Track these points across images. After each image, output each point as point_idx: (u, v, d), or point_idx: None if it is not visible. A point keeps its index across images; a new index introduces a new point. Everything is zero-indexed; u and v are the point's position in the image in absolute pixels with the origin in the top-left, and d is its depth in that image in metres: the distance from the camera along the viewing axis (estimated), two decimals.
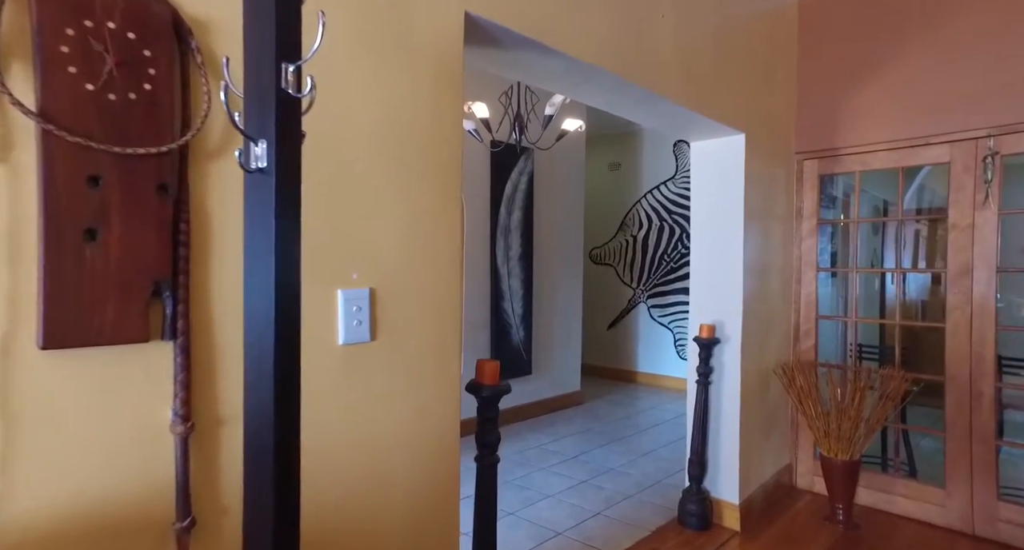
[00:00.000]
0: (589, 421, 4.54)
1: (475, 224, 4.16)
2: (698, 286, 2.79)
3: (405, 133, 1.26)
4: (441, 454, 1.37)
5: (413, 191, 1.28)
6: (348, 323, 1.14)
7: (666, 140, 5.82)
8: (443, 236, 1.35)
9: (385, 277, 1.22)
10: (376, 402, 1.21)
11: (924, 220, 5.15)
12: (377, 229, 1.21)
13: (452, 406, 1.39)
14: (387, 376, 1.23)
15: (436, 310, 1.34)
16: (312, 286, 1.09)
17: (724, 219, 2.69)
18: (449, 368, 1.38)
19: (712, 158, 2.73)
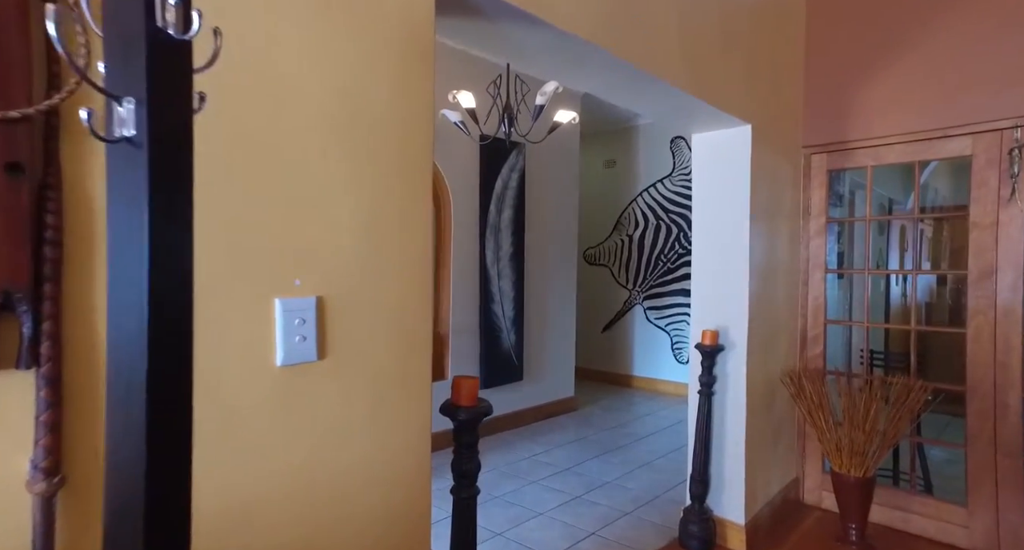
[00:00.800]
0: (583, 429, 4.35)
1: (463, 223, 3.95)
2: (700, 289, 2.60)
3: (365, 113, 1.05)
4: (410, 495, 1.16)
5: (373, 182, 1.07)
6: (289, 339, 0.93)
7: (663, 136, 5.63)
8: (410, 235, 1.14)
9: (337, 283, 1.02)
10: (327, 435, 1.00)
11: (928, 220, 4.99)
12: (328, 226, 1.00)
13: (421, 435, 1.18)
14: (341, 402, 1.02)
15: (401, 321, 1.13)
16: (239, 295, 0.88)
17: (728, 217, 2.50)
18: (417, 389, 1.18)
19: (716, 151, 2.53)
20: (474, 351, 4.04)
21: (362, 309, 1.06)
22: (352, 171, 1.03)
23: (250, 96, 0.89)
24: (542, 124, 3.78)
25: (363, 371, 1.06)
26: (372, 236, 1.07)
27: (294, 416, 0.95)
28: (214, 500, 0.84)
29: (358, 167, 1.04)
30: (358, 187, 1.05)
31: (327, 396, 1.00)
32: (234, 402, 0.87)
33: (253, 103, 0.90)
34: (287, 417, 0.94)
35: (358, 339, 1.06)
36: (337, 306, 1.02)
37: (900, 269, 4.95)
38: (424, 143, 1.16)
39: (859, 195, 3.93)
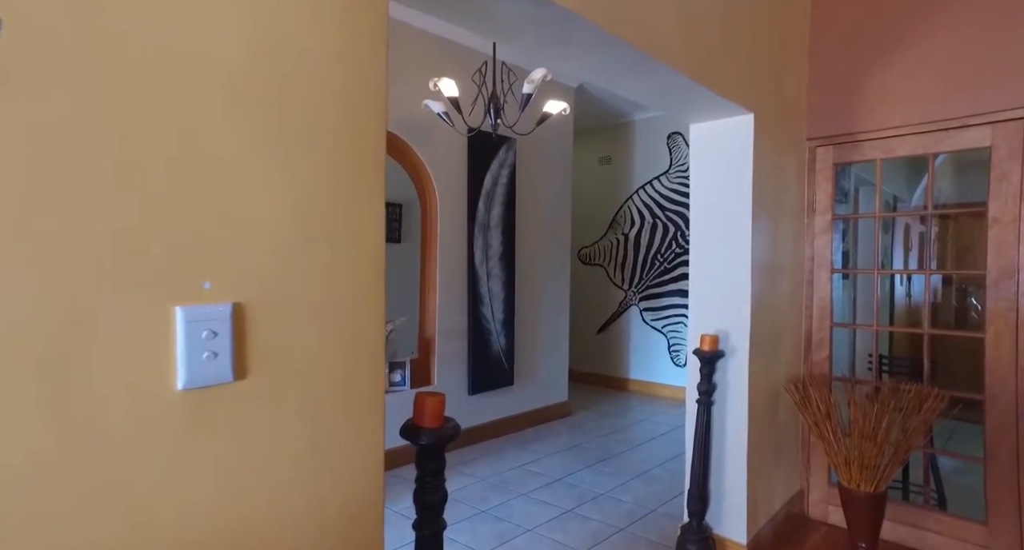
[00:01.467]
0: (576, 435, 4.17)
1: (450, 221, 3.77)
2: (698, 290, 2.42)
3: (295, 77, 0.87)
4: (357, 544, 0.98)
5: (311, 164, 0.89)
6: (193, 356, 0.75)
7: (660, 132, 5.46)
8: (359, 228, 0.96)
9: (263, 286, 0.84)
10: (247, 475, 0.82)
11: (933, 219, 4.83)
12: (250, 216, 0.82)
13: (372, 469, 1.00)
14: (267, 433, 0.84)
15: (348, 330, 0.96)
16: (123, 303, 0.70)
17: (729, 213, 2.33)
18: (367, 413, 1.00)
19: (716, 142, 2.36)
20: (462, 355, 3.87)
21: (297, 317, 0.88)
22: (282, 150, 0.85)
23: (148, 55, 0.71)
24: (531, 115, 3.60)
25: (298, 393, 0.88)
26: (310, 228, 0.89)
27: (200, 453, 0.77)
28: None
29: (290, 145, 0.86)
30: (290, 169, 0.87)
31: (247, 425, 0.82)
32: (115, 439, 0.69)
33: (147, 64, 0.71)
34: (190, 455, 0.76)
35: (292, 353, 0.88)
36: (263, 314, 0.84)
37: (911, 269, 4.80)
38: (375, 117, 0.98)
39: (863, 191, 3.77)
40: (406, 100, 3.39)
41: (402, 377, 3.54)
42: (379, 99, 0.98)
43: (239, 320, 0.81)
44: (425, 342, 3.74)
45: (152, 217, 0.72)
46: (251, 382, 0.83)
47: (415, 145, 3.53)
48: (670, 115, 2.13)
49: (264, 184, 0.84)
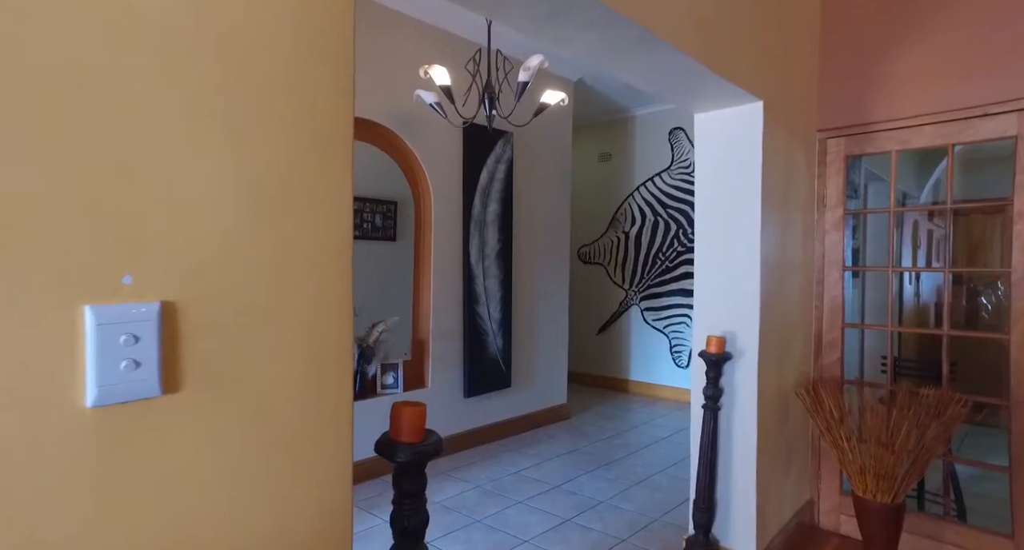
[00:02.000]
0: (576, 439, 4.04)
1: (445, 217, 3.64)
2: (704, 290, 2.29)
3: (245, 32, 0.74)
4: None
5: (264, 136, 0.76)
6: (107, 366, 0.62)
7: (661, 128, 5.33)
8: (320, 215, 0.83)
9: (202, 281, 0.71)
10: (189, 498, 0.69)
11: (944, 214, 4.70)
12: (186, 197, 0.69)
13: (339, 485, 0.87)
14: (209, 450, 0.71)
15: (310, 332, 0.83)
16: (5, 298, 0.57)
17: (737, 208, 2.20)
18: (333, 425, 0.87)
19: (722, 133, 2.23)
20: (457, 356, 3.74)
21: (246, 317, 0.75)
22: (230, 120, 0.72)
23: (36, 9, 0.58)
24: (528, 106, 3.47)
25: (248, 405, 0.75)
26: (263, 213, 0.76)
27: (123, 479, 0.64)
28: None
29: (240, 114, 0.73)
30: (240, 143, 0.73)
31: (183, 444, 0.69)
32: (6, 472, 0.56)
33: (42, 19, 0.58)
34: (109, 481, 0.63)
35: (240, 360, 0.74)
36: (202, 314, 0.71)
37: (922, 267, 4.67)
38: (342, 83, 0.85)
39: (873, 186, 3.64)
40: (397, 92, 3.26)
41: (395, 379, 3.41)
42: (345, 62, 0.85)
43: (170, 322, 0.68)
44: (419, 343, 3.62)
45: (57, 194, 0.59)
46: (187, 395, 0.70)
47: (408, 139, 3.40)
48: (674, 102, 2.01)
49: (206, 159, 0.71)
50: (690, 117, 5.08)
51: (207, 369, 0.71)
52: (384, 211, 3.55)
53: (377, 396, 3.32)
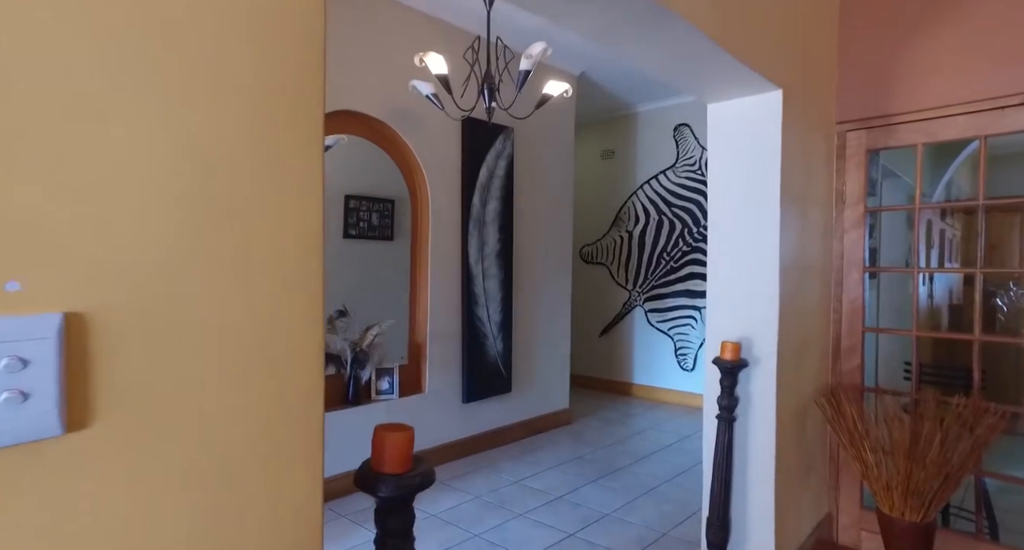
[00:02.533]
0: (578, 446, 3.89)
1: (442, 215, 3.50)
2: (718, 292, 2.15)
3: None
4: None
5: (210, 102, 0.61)
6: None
7: (665, 124, 5.18)
8: (282, 203, 0.69)
9: (122, 288, 0.56)
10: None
11: (956, 214, 4.56)
12: (102, 178, 0.54)
13: (305, 528, 0.72)
14: (126, 507, 0.57)
15: (267, 351, 0.68)
16: None
17: (754, 204, 2.05)
18: (298, 460, 0.72)
19: (738, 124, 2.08)
20: (455, 360, 3.59)
21: (183, 328, 0.60)
22: (165, 81, 0.58)
23: None
24: (529, 98, 3.33)
25: (183, 440, 0.61)
26: (206, 200, 0.62)
27: (9, 534, 0.49)
28: None
29: (178, 74, 0.59)
30: (180, 109, 0.59)
31: (91, 499, 0.54)
32: None
33: None
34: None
35: (172, 383, 0.60)
36: (123, 327, 0.56)
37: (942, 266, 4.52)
38: (311, 40, 0.70)
39: (888, 183, 3.49)
40: (391, 84, 3.12)
41: (390, 384, 3.26)
42: (316, 26, 0.71)
43: (77, 338, 0.53)
44: (415, 346, 3.47)
45: None
46: (102, 430, 0.55)
47: (403, 133, 3.25)
48: (687, 90, 1.86)
49: (131, 127, 0.56)
50: (696, 113, 4.94)
51: (130, 395, 0.57)
52: (381, 210, 3.40)
53: (372, 402, 3.17)
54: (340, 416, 2.98)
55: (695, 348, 4.99)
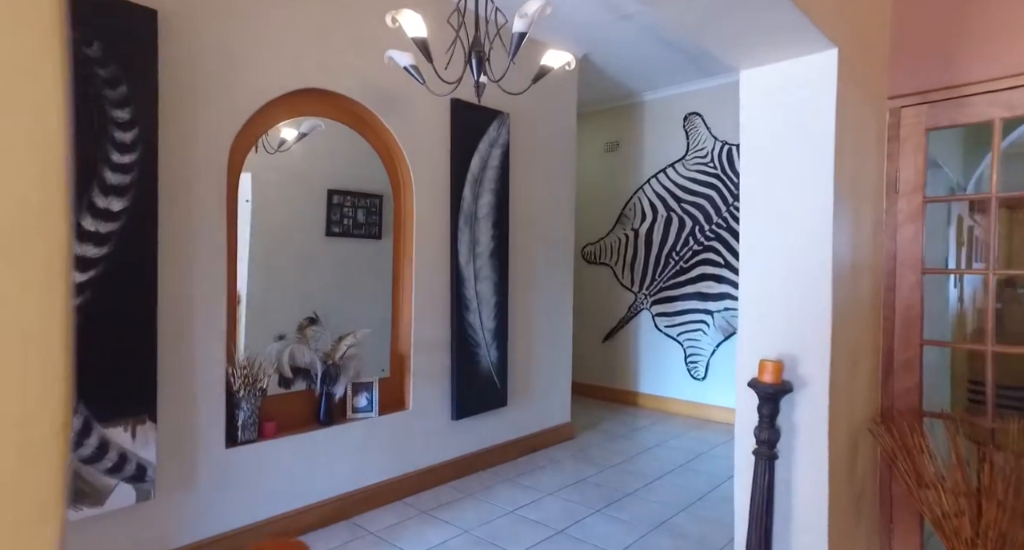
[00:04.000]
0: (581, 465, 3.51)
1: (429, 210, 3.12)
2: (752, 299, 1.77)
3: None
4: None
5: None
6: None
7: (674, 113, 4.80)
8: None
9: None
10: None
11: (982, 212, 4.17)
12: None
13: None
14: None
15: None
16: None
17: (801, 193, 1.67)
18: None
19: (781, 93, 1.70)
20: (444, 372, 3.21)
21: None
22: None
23: None
24: (525, 66, 2.93)
25: None
26: None
27: None
28: None
29: None
30: None
31: None
32: None
33: None
34: None
35: None
36: None
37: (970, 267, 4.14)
38: None
39: (932, 172, 3.10)
40: (368, 58, 2.74)
41: (368, 401, 2.88)
42: None
43: None
44: (398, 357, 3.09)
45: None
46: None
47: (384, 116, 2.87)
48: (717, 50, 1.46)
49: None
50: (707, 101, 4.55)
51: None
52: (367, 206, 3.03)
53: (348, 421, 2.79)
54: (310, 439, 2.60)
55: (707, 355, 4.61)
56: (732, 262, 4.46)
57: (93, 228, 1.88)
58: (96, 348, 1.88)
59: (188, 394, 2.20)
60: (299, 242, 2.78)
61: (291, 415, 2.65)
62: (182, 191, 2.17)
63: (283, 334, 2.75)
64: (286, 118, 2.59)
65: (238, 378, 2.37)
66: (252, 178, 2.58)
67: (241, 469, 2.37)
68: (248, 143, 2.46)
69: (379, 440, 2.89)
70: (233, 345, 2.42)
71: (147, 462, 2.01)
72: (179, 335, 2.17)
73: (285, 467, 2.51)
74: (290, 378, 2.63)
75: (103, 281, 1.90)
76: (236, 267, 2.45)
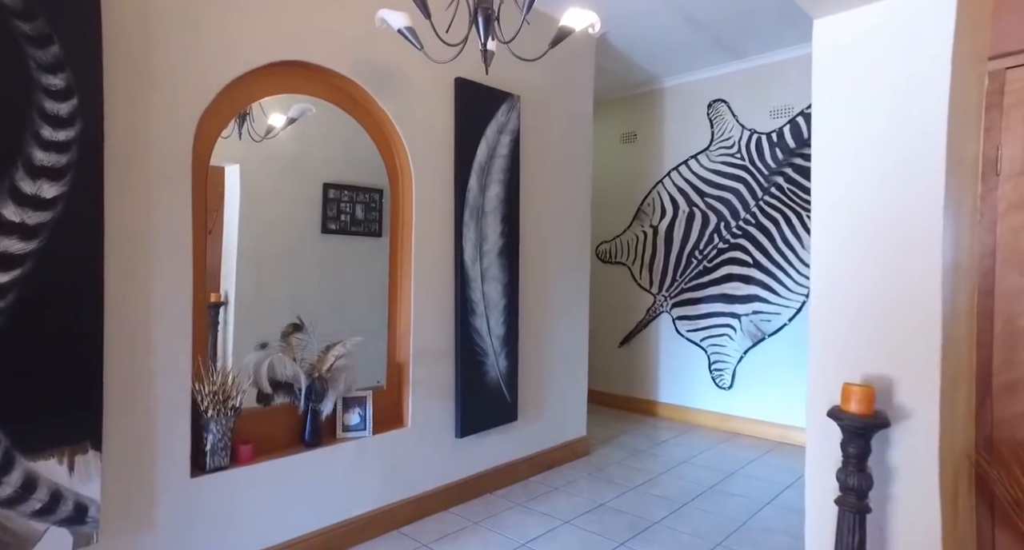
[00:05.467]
0: (599, 487, 3.15)
1: (430, 203, 2.77)
2: (828, 305, 1.41)
3: None
4: None
5: None
6: None
7: (697, 100, 4.43)
8: None
9: None
10: None
11: None
12: None
13: None
14: None
15: None
16: None
17: (900, 173, 1.31)
18: None
19: (872, 46, 1.34)
20: (447, 384, 2.86)
21: None
22: None
23: None
24: (540, 26, 2.57)
25: None
26: None
27: None
28: None
29: None
30: None
31: None
32: None
33: None
34: None
35: None
36: None
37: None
38: None
39: None
40: (359, 27, 2.39)
41: (361, 417, 2.54)
42: None
43: None
44: (396, 367, 2.74)
45: None
46: None
47: (377, 95, 2.53)
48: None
49: None
50: (734, 86, 4.15)
51: None
52: (367, 201, 2.70)
53: (337, 442, 2.45)
54: (293, 463, 2.26)
55: (733, 362, 4.24)
56: (762, 261, 4.08)
57: (17, 218, 1.54)
58: (20, 364, 1.54)
59: (144, 415, 1.86)
60: (292, 239, 2.48)
61: (271, 436, 2.31)
62: (137, 176, 1.84)
63: (266, 342, 2.41)
64: (265, 95, 2.25)
65: (207, 395, 2.03)
66: (240, 169, 2.30)
67: (210, 501, 2.03)
68: (220, 123, 2.12)
69: (373, 462, 2.54)
70: (203, 356, 2.08)
71: (88, 500, 1.67)
72: (132, 346, 1.83)
73: (263, 496, 2.17)
74: (270, 393, 2.29)
75: (30, 282, 1.56)
76: (203, 268, 2.11)
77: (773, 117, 4.05)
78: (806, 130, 3.89)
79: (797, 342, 3.91)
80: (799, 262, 3.92)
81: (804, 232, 3.89)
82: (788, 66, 3.97)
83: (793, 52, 3.92)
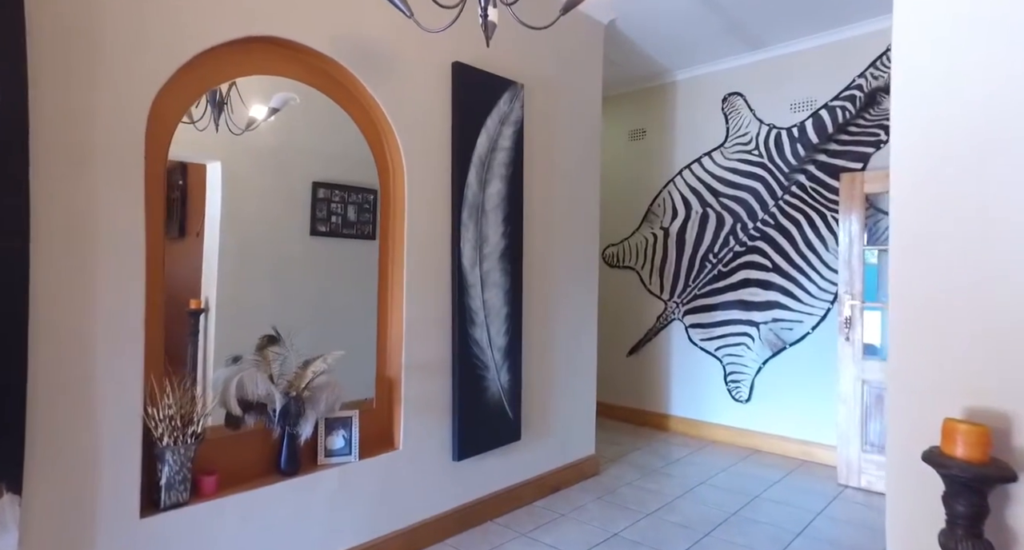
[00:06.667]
0: (610, 513, 2.86)
1: (425, 201, 2.49)
2: (916, 316, 1.12)
3: None
4: None
5: None
6: None
7: (711, 94, 4.16)
8: None
9: None
10: None
11: None
12: None
13: None
14: None
15: None
16: None
17: (1011, 164, 1.03)
18: None
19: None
20: (443, 400, 2.57)
21: None
22: None
23: None
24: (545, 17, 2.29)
25: None
26: None
27: None
28: None
29: None
30: None
31: None
32: None
33: None
34: None
35: None
36: None
37: None
38: None
39: None
40: (350, 5, 2.12)
41: (346, 440, 2.25)
42: None
43: None
44: (386, 383, 2.46)
45: None
46: None
47: (365, 79, 2.25)
48: None
49: None
50: (751, 79, 3.87)
51: None
52: (359, 202, 2.43)
53: (318, 469, 2.16)
54: (266, 495, 1.97)
55: (751, 374, 3.95)
56: (782, 265, 3.80)
57: None
58: None
59: (82, 447, 1.57)
60: (279, 242, 2.22)
61: (241, 465, 2.02)
62: (73, 164, 1.55)
63: (239, 355, 2.13)
64: (236, 75, 1.97)
65: (161, 420, 1.74)
66: (222, 167, 2.05)
67: (165, 544, 1.74)
68: (180, 106, 1.84)
69: (360, 491, 2.25)
70: (159, 375, 1.79)
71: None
72: (66, 366, 1.54)
73: (230, 535, 1.88)
74: (239, 415, 2.00)
75: None
76: (161, 274, 1.82)
77: (794, 111, 3.78)
78: (830, 124, 3.62)
79: (822, 352, 3.63)
80: (823, 266, 3.64)
81: (829, 234, 3.61)
82: (810, 56, 3.70)
83: (815, 41, 3.66)
